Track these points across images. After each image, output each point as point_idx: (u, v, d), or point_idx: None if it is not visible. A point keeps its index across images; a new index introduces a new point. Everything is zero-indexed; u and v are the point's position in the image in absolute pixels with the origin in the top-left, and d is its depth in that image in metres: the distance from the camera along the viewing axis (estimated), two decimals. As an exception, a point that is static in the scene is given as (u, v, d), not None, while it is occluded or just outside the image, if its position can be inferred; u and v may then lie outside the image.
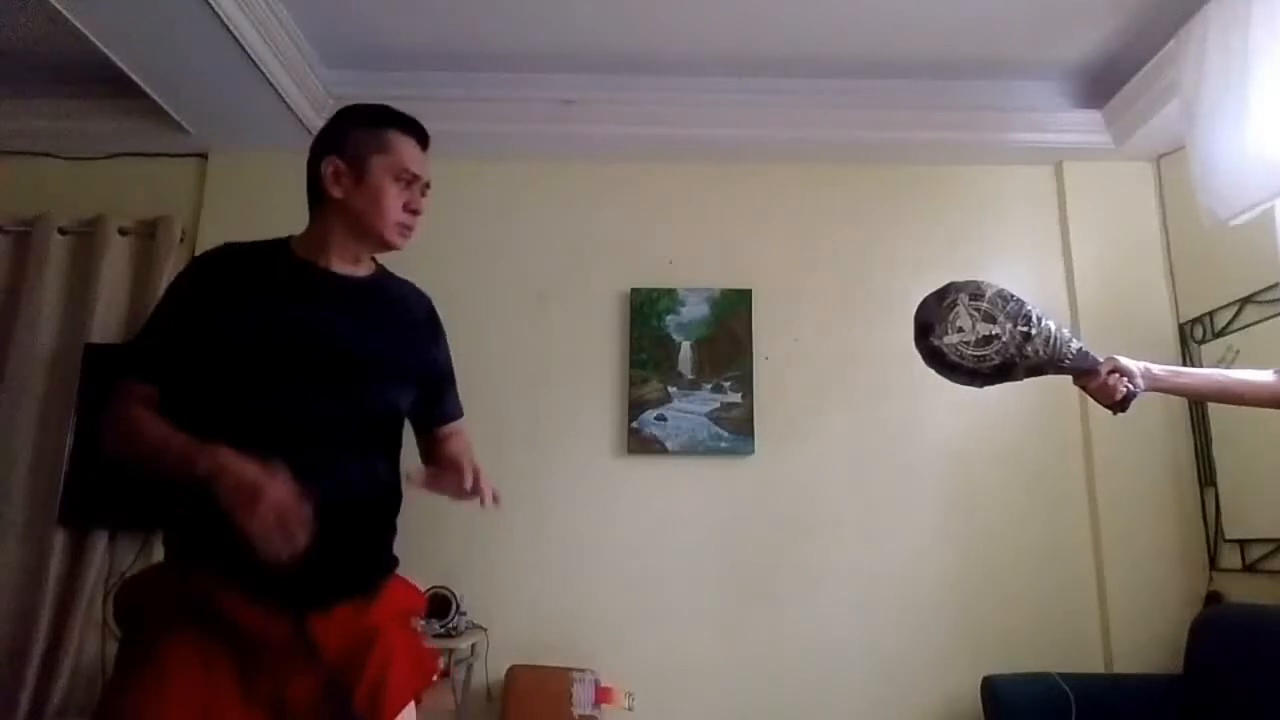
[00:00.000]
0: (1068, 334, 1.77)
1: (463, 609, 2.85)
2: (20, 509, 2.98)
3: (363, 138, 1.46)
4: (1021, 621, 3.00)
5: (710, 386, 3.18)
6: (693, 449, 3.13)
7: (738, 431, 3.14)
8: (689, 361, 3.20)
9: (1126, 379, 1.70)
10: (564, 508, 3.10)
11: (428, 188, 1.52)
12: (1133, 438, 3.02)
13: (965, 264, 3.08)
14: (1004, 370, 1.75)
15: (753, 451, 3.13)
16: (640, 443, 3.14)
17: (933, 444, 3.15)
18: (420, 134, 1.51)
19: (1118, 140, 3.19)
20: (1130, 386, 1.70)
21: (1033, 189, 3.38)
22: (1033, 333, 1.74)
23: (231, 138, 3.25)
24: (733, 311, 3.24)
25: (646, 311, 3.25)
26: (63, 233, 3.24)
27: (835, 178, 3.40)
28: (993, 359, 1.74)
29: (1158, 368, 1.76)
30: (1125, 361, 1.72)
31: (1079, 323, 3.18)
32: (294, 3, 2.81)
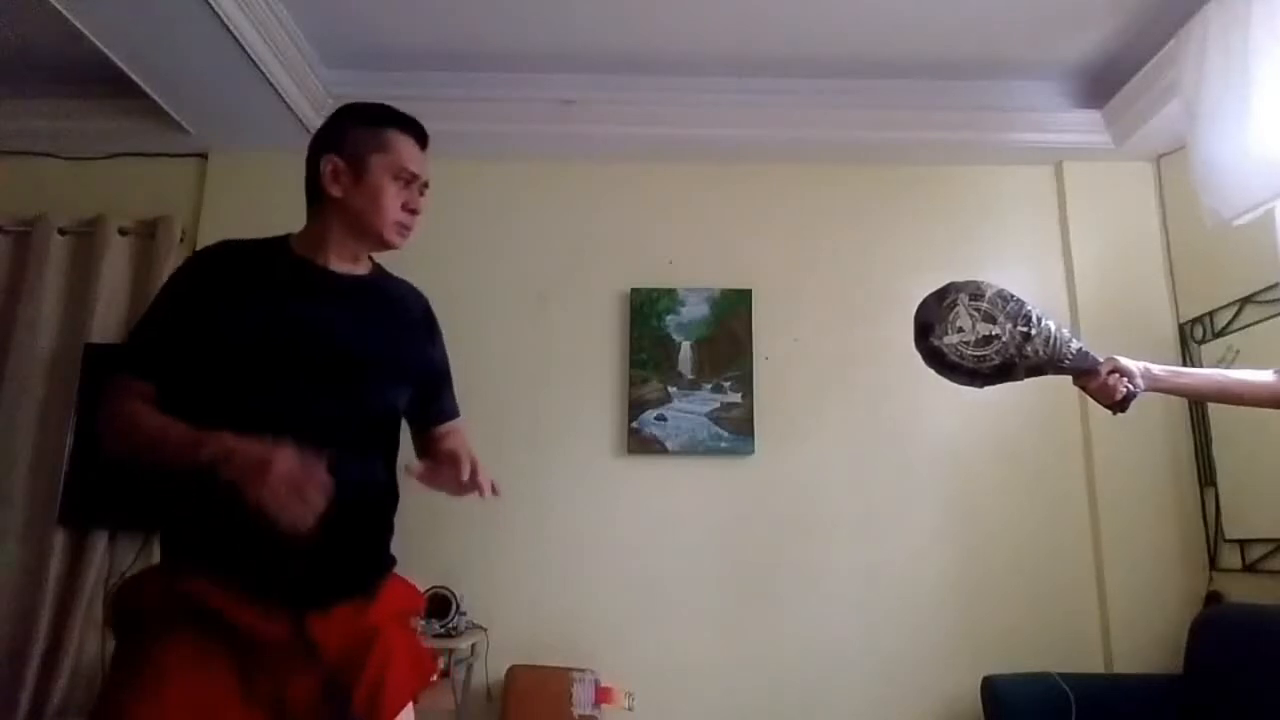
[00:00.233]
0: (1068, 334, 1.77)
1: (463, 609, 2.85)
2: (20, 509, 2.98)
3: (362, 136, 1.46)
4: (1021, 621, 3.00)
5: (710, 386, 3.18)
6: (693, 449, 3.13)
7: (738, 431, 3.14)
8: (689, 361, 3.20)
9: (1126, 379, 1.71)
10: (564, 508, 3.10)
11: (426, 187, 1.53)
12: (1133, 438, 3.02)
13: (965, 264, 3.07)
14: (1004, 370, 1.75)
15: (753, 451, 3.13)
16: (640, 443, 3.14)
17: (933, 444, 3.15)
18: (419, 133, 1.52)
19: (1118, 140, 3.19)
20: (1130, 387, 1.70)
21: (1033, 189, 3.38)
22: (1033, 333, 1.74)
23: (231, 138, 3.25)
24: (733, 311, 3.24)
25: (646, 311, 3.25)
26: (63, 233, 3.24)
27: (835, 178, 3.40)
28: (993, 359, 1.74)
29: (1158, 368, 1.76)
30: (1125, 362, 1.72)
31: (1079, 323, 3.18)
32: (294, 3, 2.81)
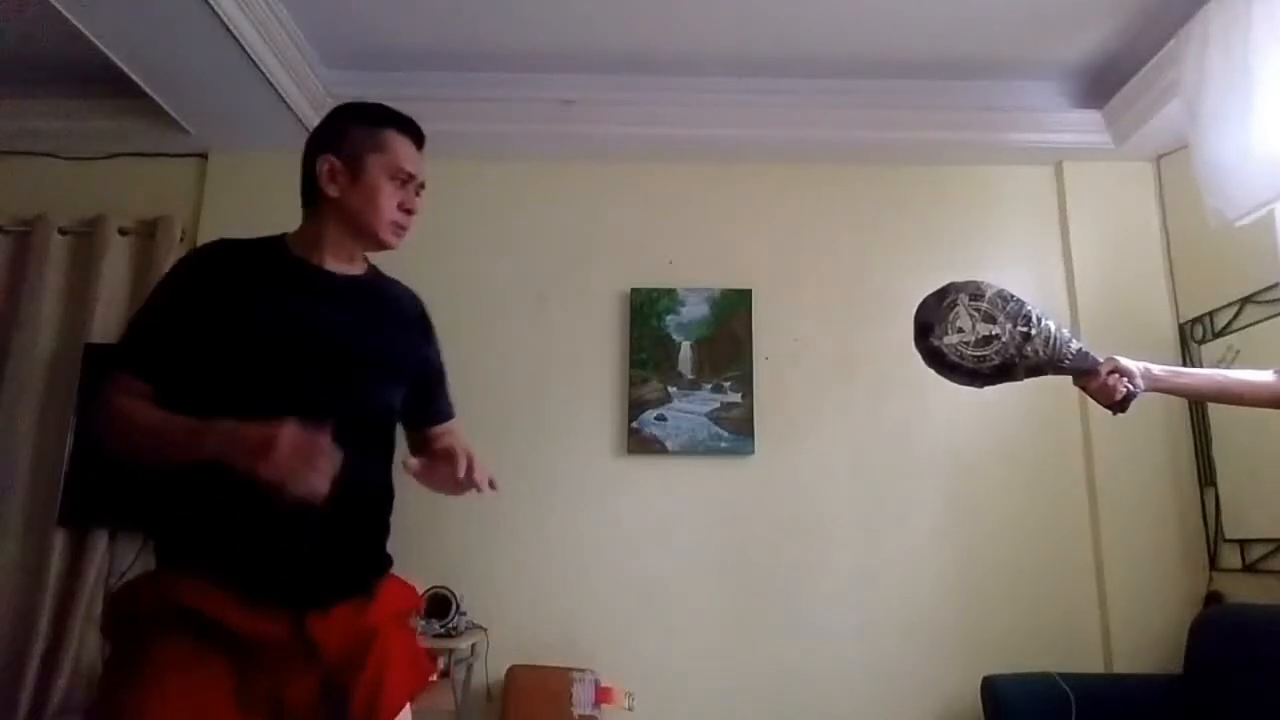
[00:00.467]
0: (1067, 334, 1.77)
1: (463, 609, 2.85)
2: (20, 509, 2.98)
3: (359, 136, 1.46)
4: (1021, 621, 3.00)
5: (710, 386, 3.18)
6: (693, 449, 3.13)
7: (738, 431, 3.14)
8: (689, 361, 3.20)
9: (1126, 379, 1.70)
10: (564, 508, 3.10)
11: (423, 187, 1.53)
12: (1133, 438, 3.02)
13: (965, 264, 3.07)
14: (1004, 370, 1.75)
15: (753, 451, 3.13)
16: (640, 443, 3.14)
17: (933, 444, 3.15)
18: (416, 133, 1.51)
19: (1118, 140, 3.19)
20: (1130, 387, 1.70)
21: (1033, 189, 3.38)
22: (1032, 333, 1.74)
23: (231, 138, 3.25)
24: (733, 311, 3.24)
25: (646, 311, 3.25)
26: (63, 233, 3.24)
27: (835, 178, 3.40)
28: (992, 359, 1.74)
29: (1157, 368, 1.76)
30: (1125, 362, 1.72)
31: (1079, 323, 3.18)
32: (294, 3, 2.81)
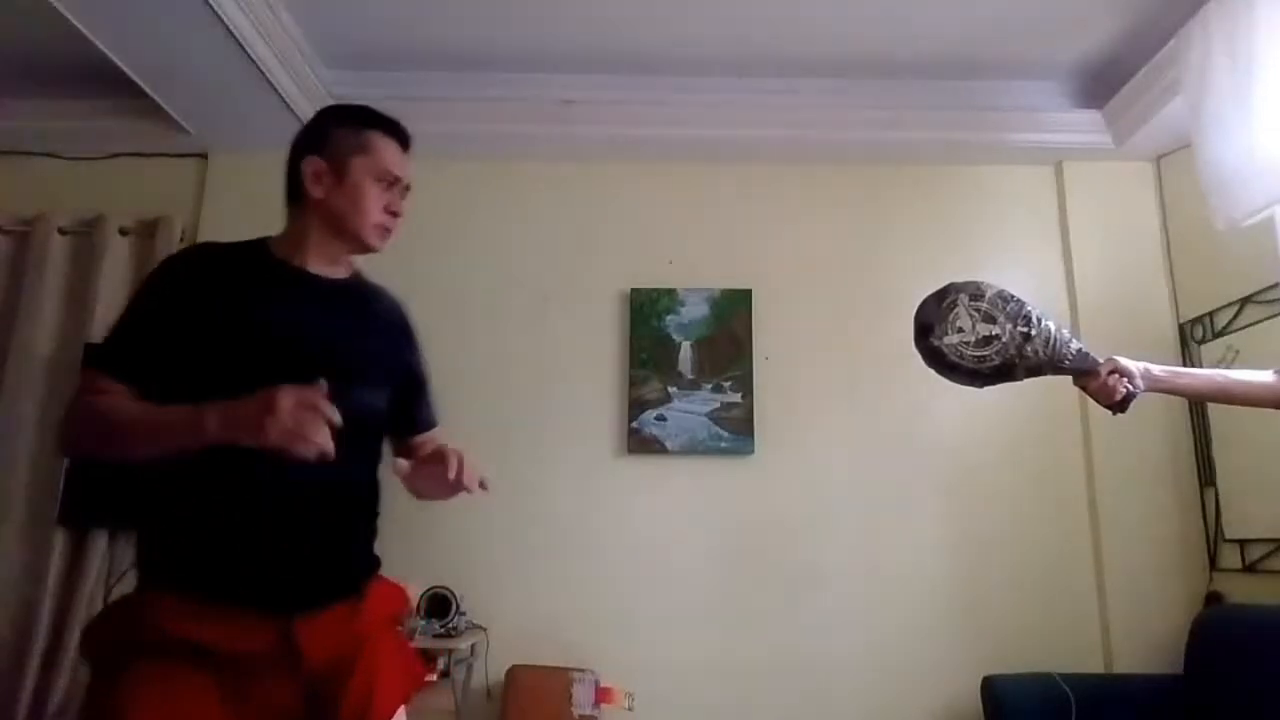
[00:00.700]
0: (1067, 335, 1.77)
1: (463, 609, 2.85)
2: (20, 509, 2.98)
3: (344, 138, 1.45)
4: (1021, 621, 3.00)
5: (710, 386, 3.18)
6: (693, 449, 3.13)
7: (738, 431, 3.14)
8: (689, 361, 3.20)
9: (1126, 380, 1.71)
10: (564, 508, 3.10)
11: (408, 190, 1.51)
12: (1133, 438, 3.02)
13: (965, 264, 3.07)
14: (1004, 371, 1.75)
15: (753, 451, 3.13)
16: (640, 443, 3.14)
17: (933, 444, 3.15)
18: (402, 136, 1.50)
19: (1118, 140, 3.19)
20: (1130, 387, 1.70)
21: (1033, 189, 3.38)
22: (1033, 333, 1.74)
23: (231, 138, 3.25)
24: (733, 311, 3.24)
25: (646, 311, 3.25)
26: (63, 233, 3.24)
27: (835, 178, 3.40)
28: (993, 359, 1.74)
29: (1157, 368, 1.76)
30: (1125, 362, 1.72)
31: (1079, 323, 3.18)
32: (294, 3, 2.81)
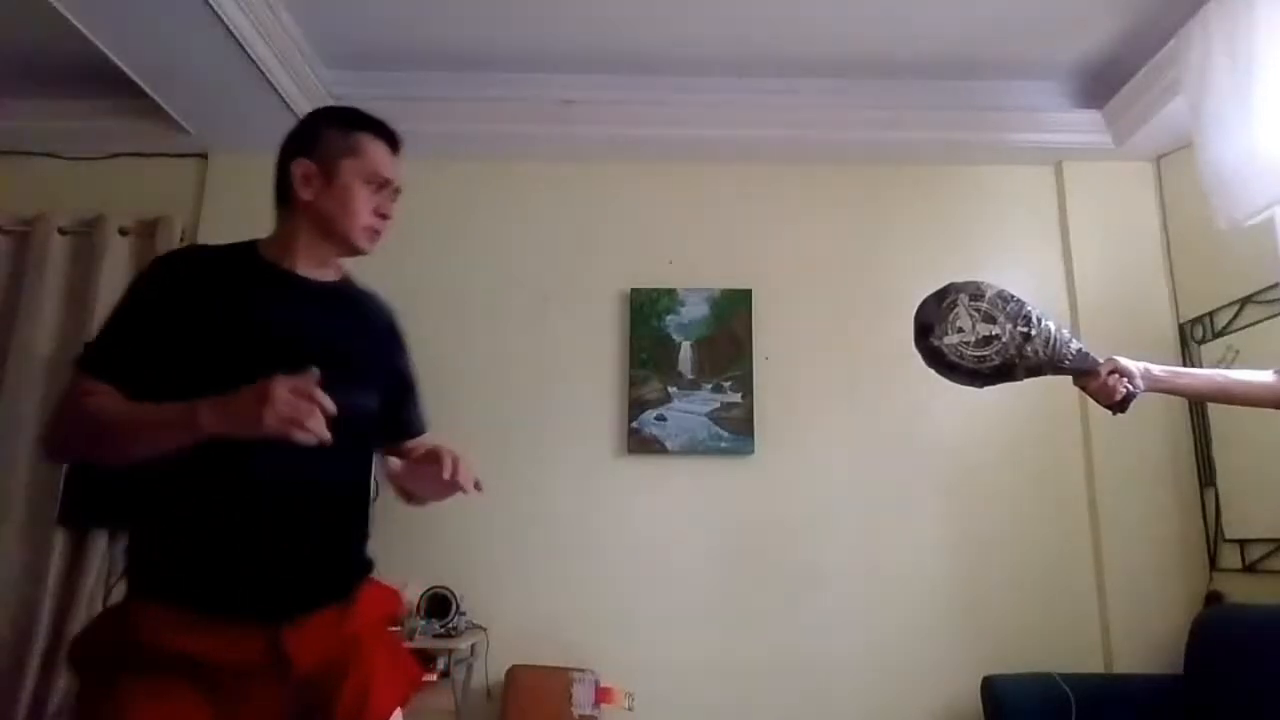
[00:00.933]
0: (1067, 335, 1.77)
1: (463, 609, 2.85)
2: (20, 509, 2.98)
3: (334, 140, 1.44)
4: (1021, 621, 3.00)
5: (710, 386, 3.18)
6: (693, 449, 3.13)
7: (738, 431, 3.14)
8: (689, 361, 3.20)
9: (1126, 380, 1.71)
10: (564, 508, 3.10)
11: (398, 192, 1.51)
12: (1133, 438, 3.02)
13: (965, 264, 3.07)
14: (1004, 371, 1.75)
15: (753, 451, 3.13)
16: (640, 443, 3.14)
17: (933, 444, 3.15)
18: (391, 138, 1.50)
19: (1118, 140, 3.19)
20: (1130, 387, 1.70)
21: (1033, 189, 3.38)
22: (1033, 333, 1.74)
23: (231, 138, 3.24)
24: (733, 311, 3.24)
25: (646, 311, 3.25)
26: (63, 233, 3.23)
27: (835, 178, 3.40)
28: (993, 359, 1.74)
29: (1157, 368, 1.76)
30: (1125, 362, 1.72)
31: (1079, 323, 3.18)
32: (294, 3, 2.81)
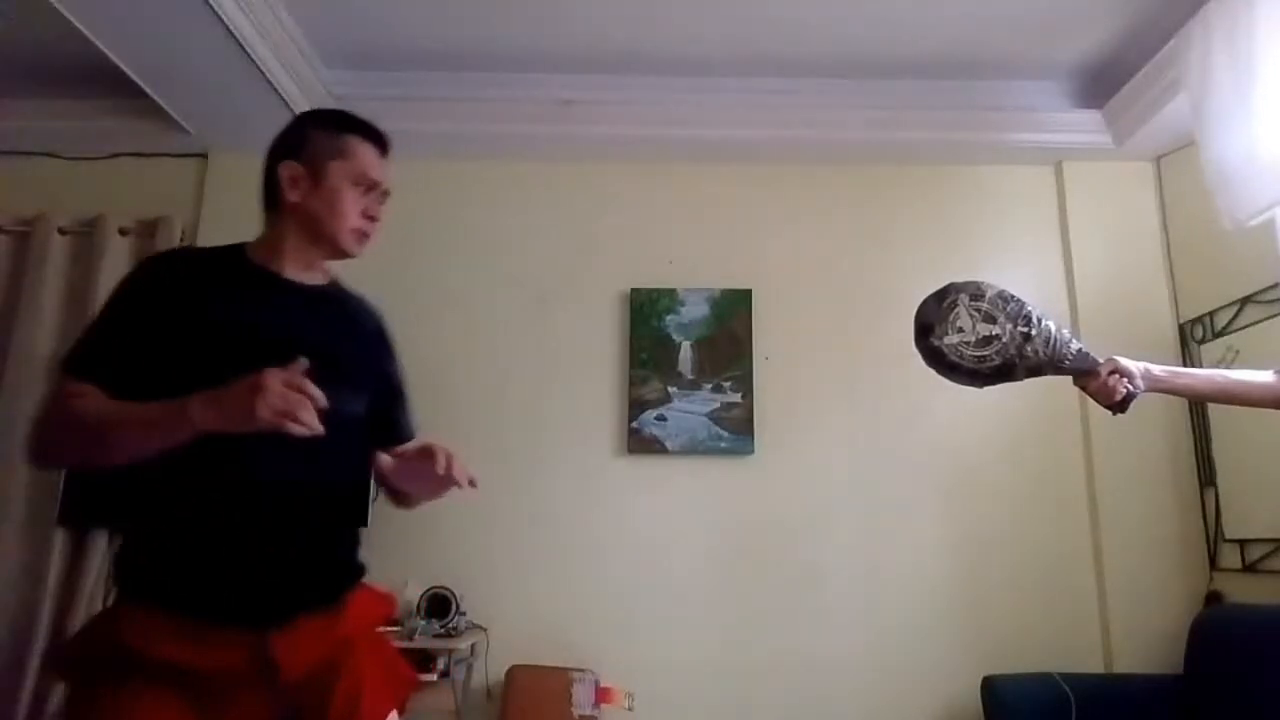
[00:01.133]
0: (1068, 335, 1.77)
1: (463, 609, 2.85)
2: (20, 509, 2.98)
3: (322, 142, 1.44)
4: (1021, 621, 3.00)
5: (710, 386, 3.18)
6: (693, 449, 3.13)
7: (738, 431, 3.14)
8: (689, 361, 3.20)
9: (1126, 380, 1.71)
10: (564, 508, 3.10)
11: (386, 195, 1.50)
12: (1133, 438, 3.02)
13: (965, 264, 3.08)
14: (1004, 371, 1.75)
15: (753, 451, 3.13)
16: (640, 443, 3.14)
17: (933, 444, 3.15)
18: (380, 140, 1.49)
19: (1118, 140, 3.19)
20: (1130, 387, 1.70)
21: (1033, 189, 3.38)
22: (1033, 333, 1.74)
23: (231, 138, 3.24)
24: (733, 311, 3.24)
25: (646, 311, 3.25)
26: (63, 233, 3.23)
27: (835, 178, 3.40)
28: (993, 359, 1.74)
29: (1157, 368, 1.76)
30: (1125, 362, 1.72)
31: (1079, 323, 3.18)
32: (294, 3, 2.81)
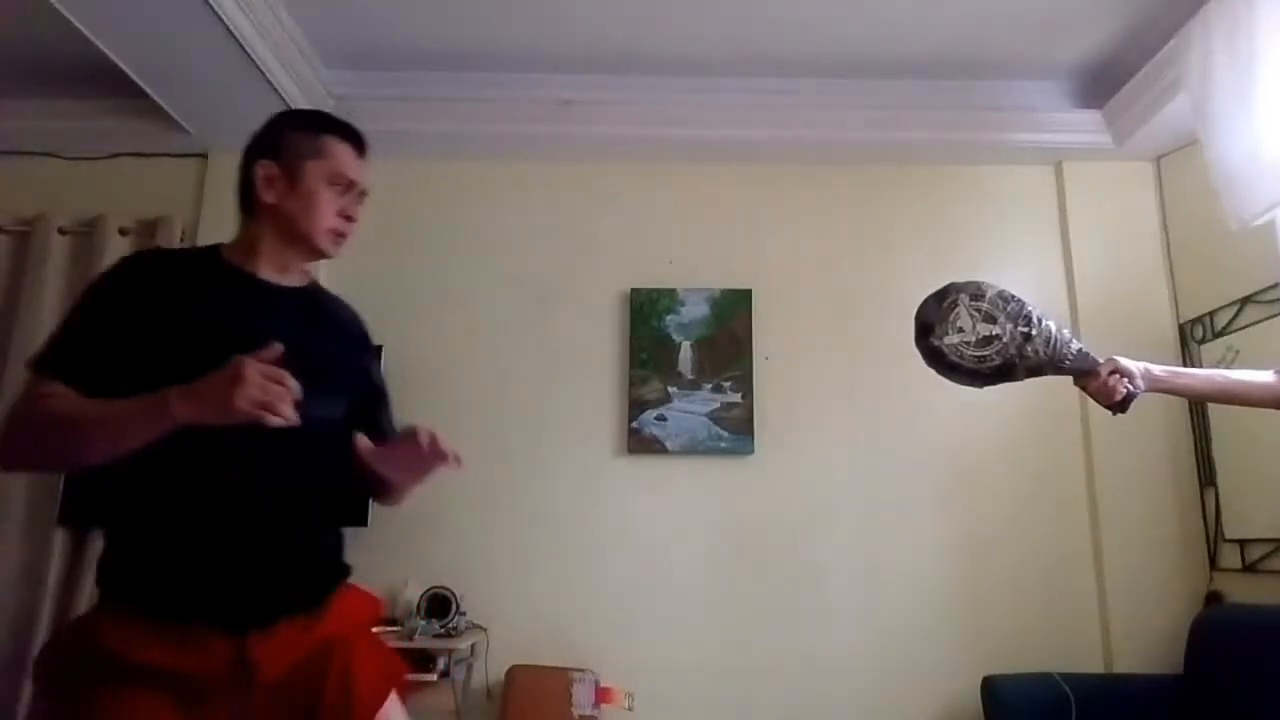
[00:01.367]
0: (1068, 335, 1.77)
1: (463, 609, 2.85)
2: (20, 509, 2.97)
3: (298, 142, 1.43)
4: (1021, 621, 3.00)
5: (710, 386, 3.18)
6: (693, 449, 3.13)
7: (738, 431, 3.14)
8: (689, 361, 3.20)
9: (1126, 380, 1.71)
10: (564, 508, 3.10)
11: (364, 195, 1.49)
12: (1133, 438, 3.02)
13: (965, 264, 3.08)
14: (1004, 371, 1.75)
15: (753, 451, 3.13)
16: (640, 443, 3.14)
17: (933, 444, 3.15)
18: (357, 140, 1.48)
19: (1118, 140, 3.19)
20: (1130, 387, 1.70)
21: (1033, 189, 3.38)
22: (1033, 333, 1.74)
23: (231, 138, 3.15)
24: (733, 311, 3.24)
25: (646, 311, 3.25)
26: (63, 233, 3.23)
27: (835, 178, 3.40)
28: (993, 359, 1.74)
29: (1157, 368, 1.76)
30: (1125, 362, 1.72)
31: (1079, 323, 3.18)
32: (294, 3, 2.81)
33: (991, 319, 1.75)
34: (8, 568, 2.93)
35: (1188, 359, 3.08)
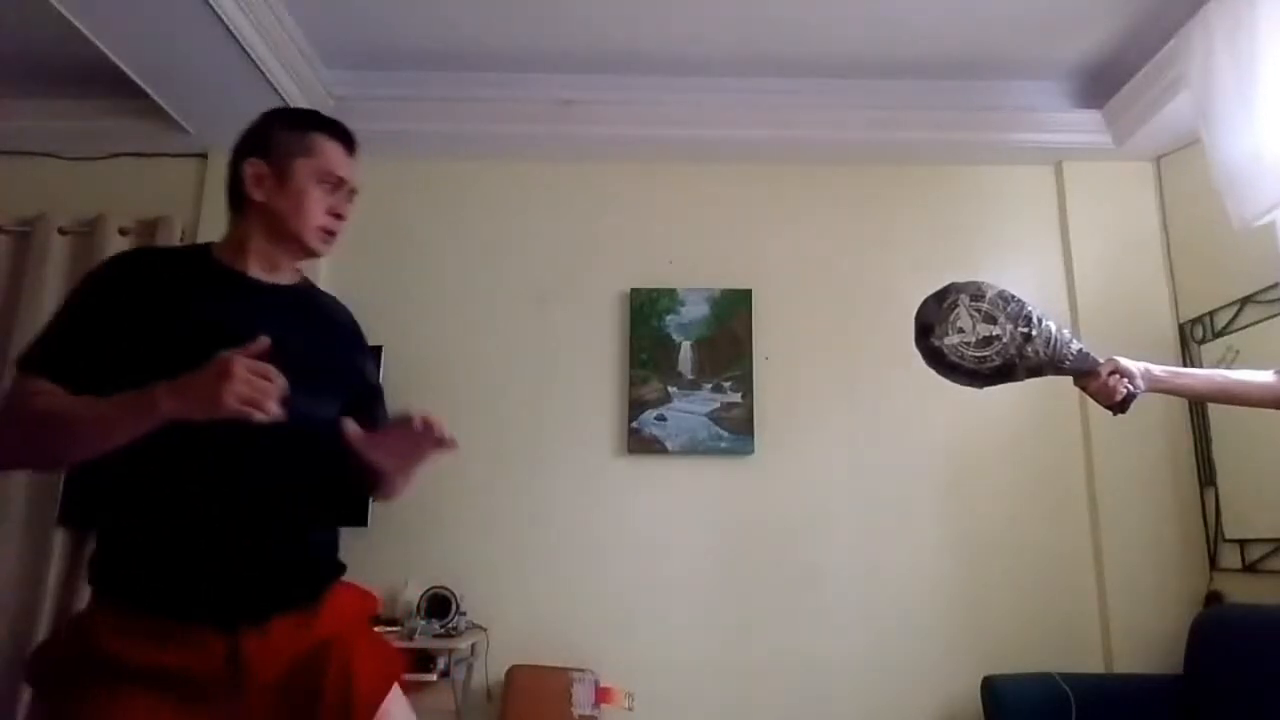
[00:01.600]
0: (1068, 335, 1.77)
1: (463, 609, 2.85)
2: (20, 509, 2.97)
3: (287, 140, 1.43)
4: (1021, 621, 3.00)
5: (710, 386, 3.18)
6: (693, 449, 3.13)
7: (738, 431, 3.14)
8: (689, 361, 3.20)
9: (1126, 380, 1.71)
10: (564, 508, 3.10)
11: (354, 193, 1.49)
12: (1133, 438, 3.02)
13: (965, 264, 3.08)
14: (1004, 371, 1.75)
15: (753, 451, 3.13)
16: (640, 443, 3.14)
17: (933, 444, 3.15)
18: (347, 138, 1.48)
19: (1118, 140, 3.19)
20: (1130, 388, 1.70)
21: (1033, 189, 3.38)
22: (1033, 334, 1.74)
23: (231, 138, 3.18)
24: (733, 311, 3.24)
25: (646, 311, 3.25)
26: (63, 233, 3.23)
27: (835, 178, 3.40)
28: (993, 360, 1.74)
29: (1158, 368, 1.76)
30: (1125, 362, 1.72)
31: (1079, 323, 3.18)
32: (294, 3, 2.81)
33: (992, 319, 1.75)
34: (8, 568, 2.93)
35: (1188, 359, 3.08)
